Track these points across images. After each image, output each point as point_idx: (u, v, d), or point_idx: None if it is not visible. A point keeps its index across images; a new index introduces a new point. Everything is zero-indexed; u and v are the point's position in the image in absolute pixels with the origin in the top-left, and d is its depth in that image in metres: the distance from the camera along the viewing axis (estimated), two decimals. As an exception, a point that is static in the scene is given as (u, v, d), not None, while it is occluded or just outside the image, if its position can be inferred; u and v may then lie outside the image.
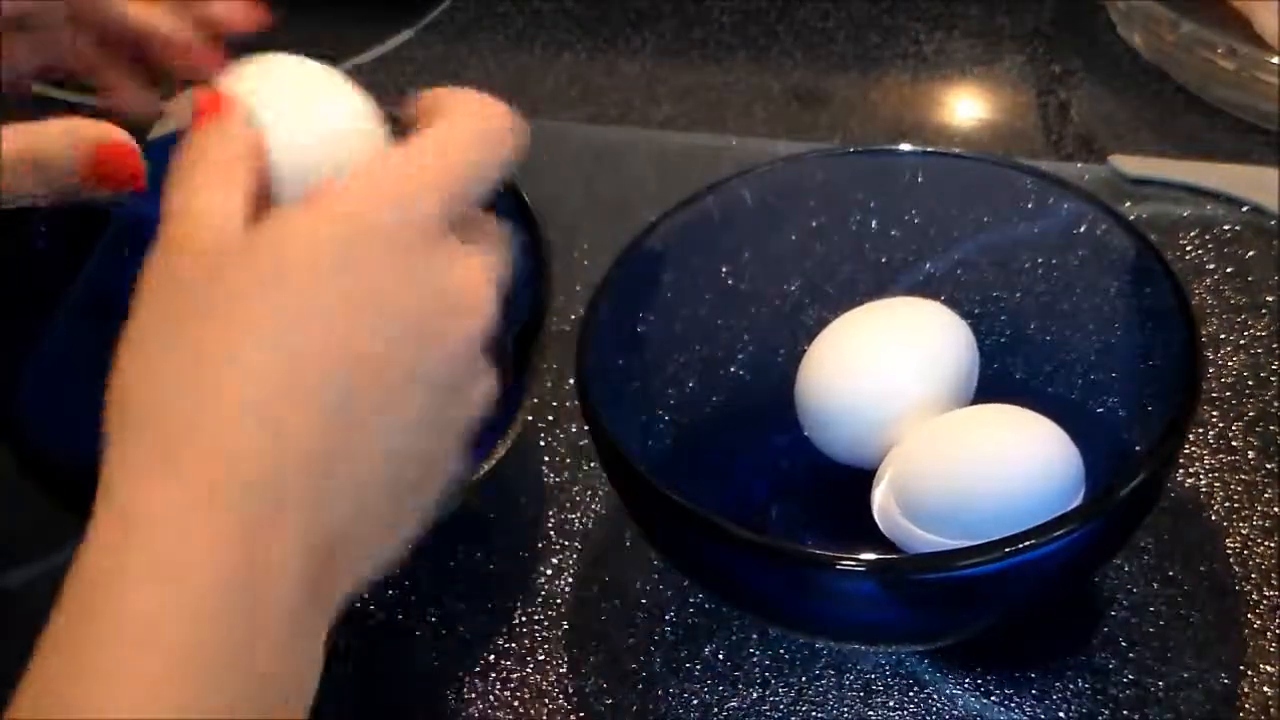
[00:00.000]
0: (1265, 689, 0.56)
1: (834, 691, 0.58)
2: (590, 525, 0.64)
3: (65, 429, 0.59)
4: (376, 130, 0.46)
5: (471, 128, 0.44)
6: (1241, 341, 0.68)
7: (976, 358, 0.60)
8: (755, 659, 0.59)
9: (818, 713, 0.57)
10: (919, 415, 0.58)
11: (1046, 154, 0.79)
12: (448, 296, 0.41)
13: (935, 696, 0.57)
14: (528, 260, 0.60)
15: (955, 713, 0.57)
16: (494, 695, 0.59)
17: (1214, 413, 0.65)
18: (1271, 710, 0.55)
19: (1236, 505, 0.62)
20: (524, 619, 0.61)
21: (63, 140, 0.47)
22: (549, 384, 0.67)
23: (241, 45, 0.53)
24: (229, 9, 0.55)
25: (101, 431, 0.41)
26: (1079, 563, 0.54)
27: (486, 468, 0.60)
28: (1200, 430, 0.64)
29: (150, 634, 0.35)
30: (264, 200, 0.42)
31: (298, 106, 0.44)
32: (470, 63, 0.88)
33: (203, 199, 0.41)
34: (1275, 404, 0.65)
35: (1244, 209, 0.73)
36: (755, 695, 0.58)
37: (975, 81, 0.85)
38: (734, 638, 0.59)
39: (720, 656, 0.59)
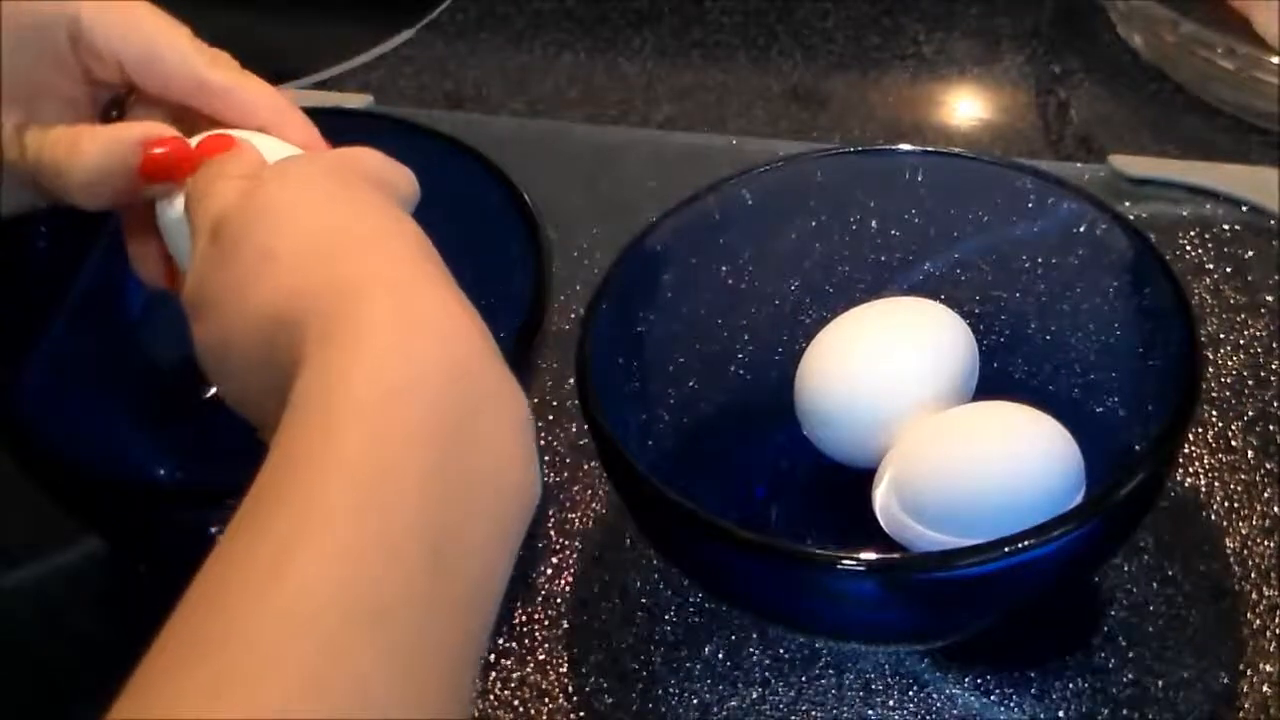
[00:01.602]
0: (1265, 689, 0.56)
1: (834, 691, 0.58)
2: (590, 525, 0.64)
3: (65, 429, 0.59)
4: None
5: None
6: (1241, 341, 0.68)
7: (976, 357, 0.60)
8: (755, 659, 0.59)
9: (818, 713, 0.57)
10: (919, 414, 0.58)
11: (1046, 154, 0.79)
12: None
13: (935, 696, 0.57)
14: (528, 260, 0.60)
15: (955, 713, 0.57)
16: (494, 695, 0.59)
17: (1213, 412, 0.65)
18: (1271, 710, 0.55)
19: (1235, 505, 0.62)
20: (524, 619, 0.61)
21: (119, 149, 0.50)
22: (549, 384, 0.67)
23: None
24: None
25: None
26: (1079, 562, 0.54)
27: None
28: (1200, 430, 0.64)
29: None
30: None
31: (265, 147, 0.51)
32: (470, 63, 0.88)
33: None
34: (1274, 404, 0.65)
35: (1244, 209, 0.73)
36: (755, 695, 0.58)
37: (975, 81, 0.85)
38: (734, 638, 0.59)
39: (720, 656, 0.59)
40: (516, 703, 0.59)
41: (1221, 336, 0.68)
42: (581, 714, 0.58)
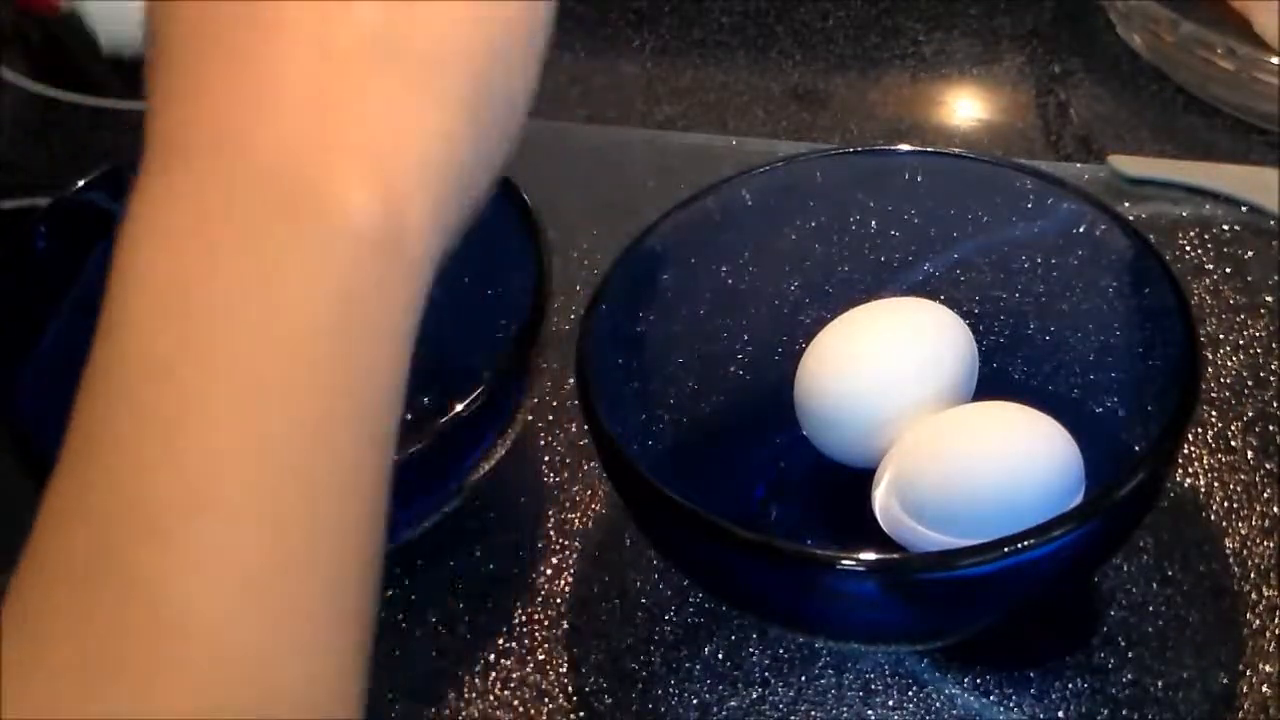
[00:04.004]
0: (1264, 689, 0.56)
1: (834, 691, 0.58)
2: (590, 525, 0.64)
3: (65, 429, 0.59)
4: None
5: None
6: (1240, 342, 0.68)
7: (976, 358, 0.60)
8: (755, 659, 0.59)
9: (817, 713, 0.57)
10: (919, 415, 0.58)
11: (1046, 154, 0.79)
12: None
13: (935, 696, 0.57)
14: (528, 260, 0.60)
15: (955, 713, 0.57)
16: (494, 695, 0.59)
17: (1213, 413, 0.65)
18: (1271, 710, 0.55)
19: (1235, 505, 0.62)
20: (524, 619, 0.61)
21: None
22: (549, 384, 0.67)
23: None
24: None
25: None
26: (1079, 562, 0.54)
27: (486, 468, 0.60)
28: (1199, 430, 0.64)
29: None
30: None
31: None
32: (470, 63, 0.88)
33: None
34: (1274, 404, 0.65)
35: (1243, 209, 0.73)
36: (755, 695, 0.58)
37: (975, 81, 0.85)
38: (734, 638, 0.59)
39: (720, 656, 0.59)
40: (516, 703, 0.59)
41: (1221, 337, 0.68)
42: (581, 714, 0.58)
